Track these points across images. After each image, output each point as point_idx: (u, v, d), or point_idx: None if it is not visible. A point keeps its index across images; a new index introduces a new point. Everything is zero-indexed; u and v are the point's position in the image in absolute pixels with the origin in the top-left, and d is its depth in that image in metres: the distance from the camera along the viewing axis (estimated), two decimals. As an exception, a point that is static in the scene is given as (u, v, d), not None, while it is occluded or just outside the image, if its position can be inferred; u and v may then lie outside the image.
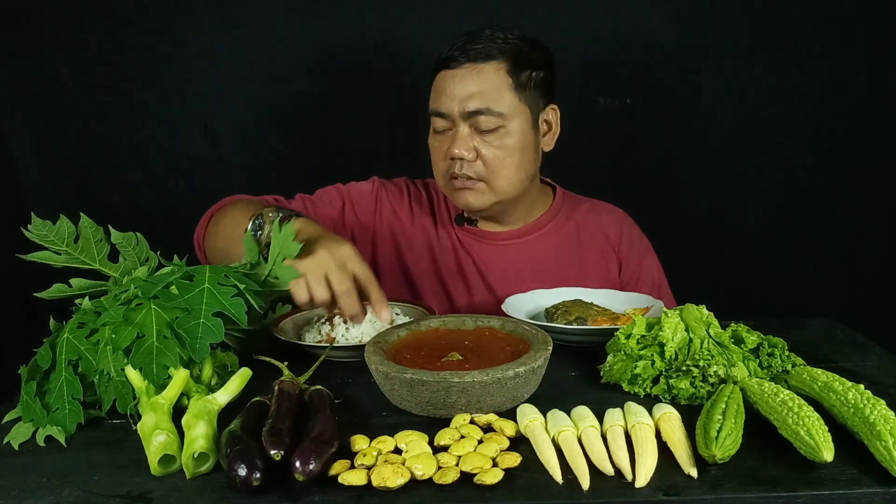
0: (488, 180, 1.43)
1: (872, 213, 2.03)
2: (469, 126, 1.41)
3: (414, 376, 0.91)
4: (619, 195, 2.04)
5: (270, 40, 1.96)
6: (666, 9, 1.93)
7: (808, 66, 1.94)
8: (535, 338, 1.04)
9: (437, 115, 1.44)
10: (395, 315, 1.29)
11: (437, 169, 1.50)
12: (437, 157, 1.47)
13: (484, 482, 0.76)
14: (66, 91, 1.96)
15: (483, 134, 1.41)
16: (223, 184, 2.05)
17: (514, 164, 1.44)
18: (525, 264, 1.55)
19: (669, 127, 2.01)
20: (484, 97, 1.39)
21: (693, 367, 0.96)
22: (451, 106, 1.40)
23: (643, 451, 0.79)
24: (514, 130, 1.42)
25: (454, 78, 1.41)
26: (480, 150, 1.41)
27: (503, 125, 1.41)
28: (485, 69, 1.40)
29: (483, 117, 1.39)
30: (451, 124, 1.43)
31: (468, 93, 1.39)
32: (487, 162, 1.42)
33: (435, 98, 1.44)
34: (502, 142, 1.41)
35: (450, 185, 1.47)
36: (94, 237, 1.11)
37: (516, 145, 1.43)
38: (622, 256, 1.60)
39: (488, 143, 1.41)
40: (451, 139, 1.43)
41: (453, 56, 1.41)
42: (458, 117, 1.41)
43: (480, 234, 1.58)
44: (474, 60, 1.40)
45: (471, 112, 1.39)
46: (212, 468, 0.83)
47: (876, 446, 0.77)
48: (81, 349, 0.98)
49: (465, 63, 1.40)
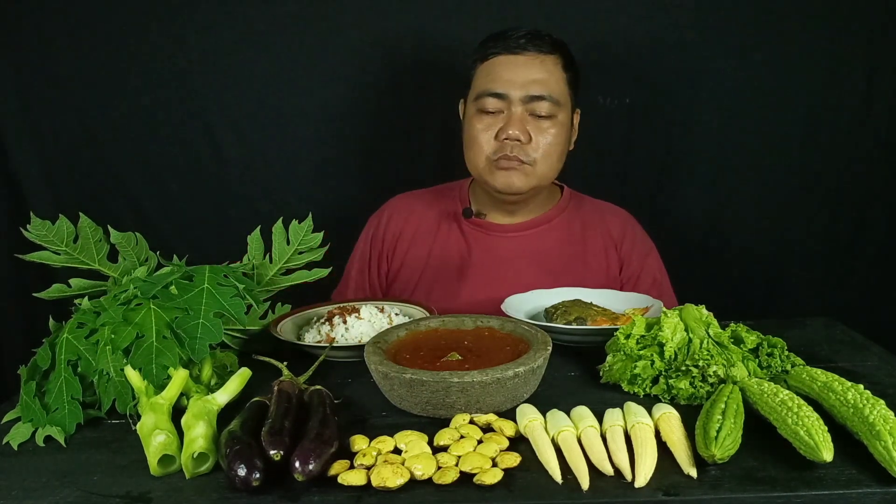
0: (535, 164, 1.48)
1: (872, 213, 2.03)
2: (525, 110, 1.47)
3: (413, 376, 0.91)
4: (618, 195, 2.04)
5: (271, 40, 1.96)
6: (666, 9, 1.92)
7: (808, 65, 1.94)
8: (535, 338, 1.04)
9: (492, 96, 1.47)
10: (394, 315, 1.29)
11: (478, 150, 1.51)
12: (483, 138, 1.50)
13: (483, 482, 0.76)
14: (67, 91, 1.96)
15: (538, 119, 1.47)
16: (223, 184, 2.05)
17: (559, 153, 1.51)
18: (531, 256, 1.57)
19: (669, 126, 2.01)
20: (547, 85, 1.47)
21: (692, 367, 0.96)
22: (514, 88, 1.46)
23: (643, 451, 0.80)
24: (563, 121, 1.50)
25: (517, 63, 1.47)
26: (534, 134, 1.47)
27: (556, 114, 1.48)
28: (547, 60, 1.48)
29: (543, 103, 1.46)
30: (504, 106, 1.47)
31: (532, 78, 1.46)
32: (539, 146, 1.48)
33: (490, 80, 1.48)
34: (554, 129, 1.48)
35: (493, 165, 1.50)
36: (93, 237, 1.11)
37: (563, 135, 1.51)
38: (623, 254, 1.62)
39: (542, 128, 1.48)
40: (503, 121, 1.47)
41: (518, 43, 1.47)
42: (517, 100, 1.46)
43: (488, 227, 1.61)
44: (539, 50, 1.47)
45: (533, 96, 1.46)
46: (211, 468, 0.83)
47: (875, 446, 0.77)
48: (81, 349, 0.98)
49: (530, 51, 1.47)
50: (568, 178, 2.04)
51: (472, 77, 1.54)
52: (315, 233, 1.23)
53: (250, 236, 1.23)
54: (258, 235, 1.23)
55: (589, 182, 2.02)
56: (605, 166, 2.04)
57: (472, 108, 1.52)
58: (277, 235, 1.23)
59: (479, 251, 1.59)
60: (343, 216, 1.80)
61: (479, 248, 1.59)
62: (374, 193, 1.83)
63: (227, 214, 2.05)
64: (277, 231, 1.22)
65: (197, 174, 2.04)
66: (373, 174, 2.05)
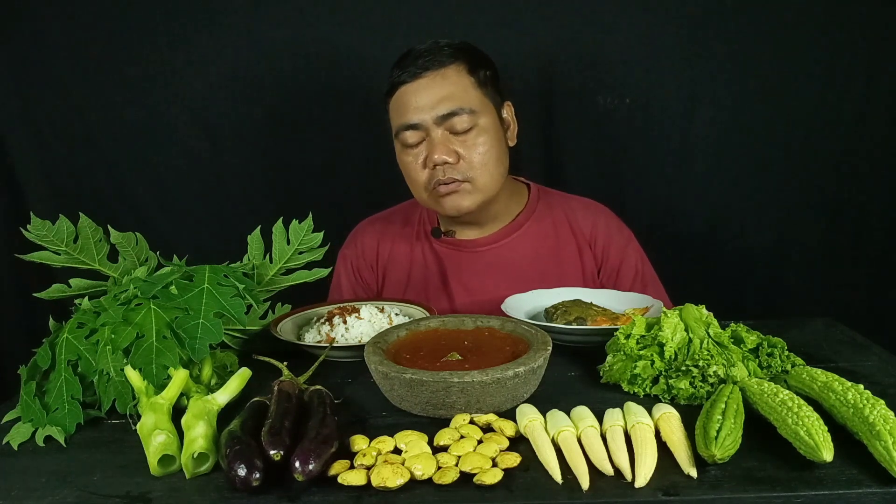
0: (473, 179, 1.44)
1: (872, 213, 2.03)
2: (444, 130, 1.41)
3: (413, 376, 0.91)
4: (618, 194, 2.04)
5: (271, 41, 1.96)
6: (666, 9, 1.92)
7: (808, 66, 1.94)
8: (535, 338, 1.04)
9: (408, 129, 1.43)
10: (394, 315, 1.29)
11: (415, 184, 1.48)
12: (415, 171, 1.46)
13: (483, 482, 0.76)
14: (66, 91, 1.96)
15: (459, 135, 1.42)
16: (223, 184, 2.05)
17: (494, 159, 1.45)
18: (505, 267, 1.54)
19: (669, 127, 2.01)
20: (454, 99, 1.40)
21: (693, 367, 0.96)
22: (423, 115, 1.40)
23: (643, 451, 0.79)
24: (486, 126, 1.43)
25: (418, 89, 1.41)
26: (460, 151, 1.42)
27: (476, 123, 1.42)
28: (446, 73, 1.41)
29: (457, 118, 1.40)
30: (423, 135, 1.43)
31: (437, 98, 1.40)
32: (469, 161, 1.42)
33: (401, 114, 1.43)
34: (479, 139, 1.42)
35: (434, 193, 1.46)
36: (93, 237, 1.11)
37: (492, 140, 1.44)
38: (599, 251, 1.58)
39: (465, 142, 1.42)
40: (427, 148, 1.43)
41: (410, 70, 1.41)
42: (431, 125, 1.41)
43: (458, 244, 1.57)
44: (438, 65, 1.41)
45: (444, 115, 1.40)
46: (211, 468, 0.83)
47: (875, 446, 0.77)
48: (81, 349, 0.98)
49: (429, 70, 1.41)
50: (568, 178, 2.04)
51: (388, 114, 1.50)
52: (315, 233, 1.23)
53: (250, 236, 1.23)
54: (258, 235, 1.23)
55: (589, 182, 2.03)
56: (604, 166, 2.05)
57: (398, 145, 1.48)
58: (277, 235, 1.23)
59: (454, 269, 1.56)
60: (343, 216, 1.80)
61: (454, 266, 1.57)
62: (374, 193, 1.83)
63: (227, 214, 2.05)
64: (277, 231, 1.22)
65: (197, 174, 2.04)
66: (373, 174, 2.04)
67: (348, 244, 1.68)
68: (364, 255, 1.65)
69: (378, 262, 1.64)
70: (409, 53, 1.45)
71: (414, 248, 1.61)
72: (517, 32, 1.94)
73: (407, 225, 1.64)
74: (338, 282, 1.66)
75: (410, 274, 1.59)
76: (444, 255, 1.58)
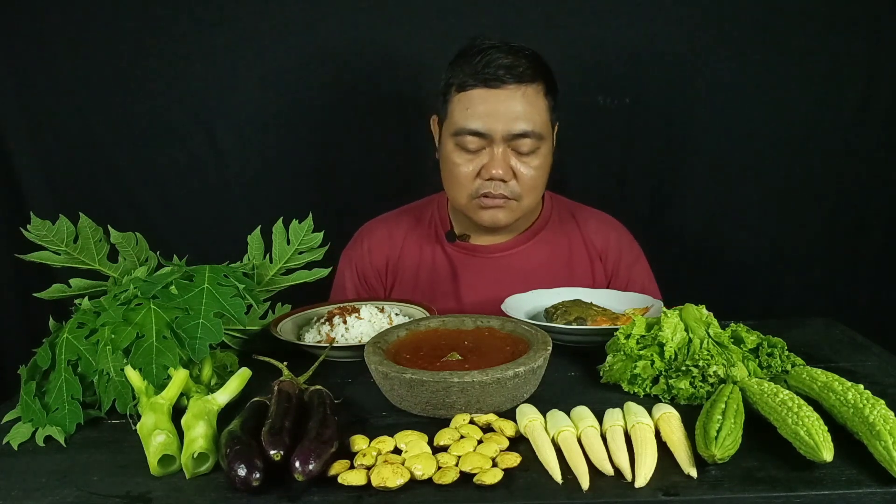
0: (519, 198, 1.43)
1: (871, 213, 2.03)
2: (508, 147, 1.39)
3: (413, 376, 0.91)
4: (618, 194, 2.05)
5: (271, 42, 1.96)
6: (666, 10, 1.93)
7: (807, 66, 1.94)
8: (535, 338, 1.04)
9: (472, 135, 1.38)
10: (394, 315, 1.29)
11: (459, 187, 1.44)
12: (464, 176, 1.42)
13: (483, 482, 0.76)
14: (67, 91, 1.96)
15: (521, 155, 1.40)
16: (223, 184, 2.05)
17: (543, 183, 1.46)
18: (518, 274, 1.53)
19: (669, 126, 2.01)
20: (530, 120, 1.37)
21: (693, 367, 0.96)
22: (495, 126, 1.36)
23: (643, 451, 0.80)
24: (545, 151, 1.43)
25: (498, 98, 1.35)
26: (518, 170, 1.40)
27: (539, 147, 1.40)
28: (528, 91, 1.37)
29: (526, 140, 1.37)
30: (486, 143, 1.39)
31: (515, 114, 1.35)
32: (523, 181, 1.41)
33: (469, 116, 1.37)
34: (537, 162, 1.41)
35: (476, 202, 1.44)
36: (93, 237, 1.11)
37: (546, 165, 1.44)
38: (609, 267, 1.58)
39: (526, 163, 1.40)
40: (485, 158, 1.40)
41: (496, 75, 1.35)
42: (499, 139, 1.37)
43: (473, 249, 1.56)
44: (520, 80, 1.36)
45: (516, 134, 1.37)
46: (211, 468, 0.83)
47: (875, 446, 0.77)
48: (81, 349, 0.98)
49: (510, 83, 1.35)
50: (568, 178, 2.04)
51: (447, 103, 1.43)
52: (315, 233, 1.23)
53: (250, 236, 1.23)
54: (258, 235, 1.23)
55: (588, 182, 2.03)
56: (604, 166, 2.05)
57: (451, 142, 1.42)
58: (277, 235, 1.23)
59: (467, 274, 1.54)
60: (343, 216, 1.80)
61: (467, 271, 1.55)
62: (375, 193, 1.83)
63: (227, 214, 2.05)
64: (277, 231, 1.22)
65: (197, 174, 2.04)
66: (373, 174, 2.04)
67: (354, 245, 1.63)
68: (371, 258, 1.60)
69: (387, 266, 1.60)
70: (487, 53, 1.36)
71: (424, 250, 1.58)
72: (517, 33, 1.94)
73: (418, 226, 1.61)
74: (341, 283, 1.62)
75: (419, 276, 1.57)
76: (456, 259, 1.55)
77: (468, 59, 1.38)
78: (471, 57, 1.38)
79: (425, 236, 1.59)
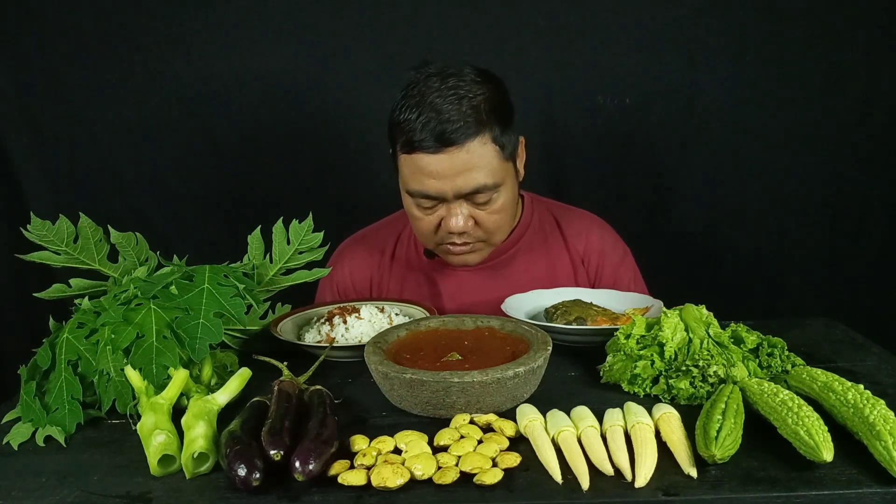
0: (487, 239, 1.40)
1: (872, 214, 2.03)
2: (462, 200, 1.33)
3: (413, 376, 0.91)
4: (618, 195, 2.05)
5: (272, 41, 1.96)
6: (666, 10, 1.93)
7: (808, 67, 1.94)
8: (535, 338, 1.04)
9: (424, 197, 1.33)
10: (394, 315, 1.29)
11: (423, 237, 1.42)
12: (426, 228, 1.38)
13: (483, 482, 0.76)
14: (66, 91, 1.96)
15: (479, 204, 1.34)
16: (223, 184, 2.05)
17: (509, 217, 1.41)
18: (501, 285, 1.50)
19: (669, 127, 2.01)
20: (479, 175, 1.30)
21: (693, 367, 0.96)
22: (444, 189, 1.30)
23: (643, 451, 0.79)
24: (506, 190, 1.36)
25: (441, 162, 1.28)
26: (479, 217, 1.35)
27: (498, 191, 1.34)
28: (472, 146, 1.28)
29: (481, 194, 1.32)
30: (440, 201, 1.34)
31: (462, 175, 1.29)
32: (486, 227, 1.37)
33: (417, 180, 1.31)
34: (498, 205, 1.36)
35: (443, 248, 1.41)
36: (93, 237, 1.11)
37: (510, 199, 1.38)
38: (591, 269, 1.55)
39: (485, 210, 1.35)
40: (443, 212, 1.35)
41: (431, 140, 1.26)
42: (452, 197, 1.32)
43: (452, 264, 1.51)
44: (458, 142, 1.26)
45: (467, 193, 1.31)
46: (211, 468, 0.83)
47: (875, 446, 0.77)
48: (81, 349, 0.98)
49: (447, 148, 1.27)
50: (568, 178, 2.04)
51: (396, 159, 1.36)
52: (315, 233, 1.23)
53: (250, 236, 1.23)
54: (258, 235, 1.23)
55: (588, 183, 2.03)
56: (604, 167, 2.05)
57: (406, 196, 1.37)
58: (277, 235, 1.23)
59: (449, 289, 1.52)
60: (343, 216, 1.80)
61: (448, 286, 1.52)
62: (375, 193, 1.83)
63: (227, 214, 2.05)
64: (277, 231, 1.22)
65: (197, 174, 2.04)
66: (373, 174, 2.04)
67: (333, 265, 1.57)
68: (353, 280, 1.57)
69: (370, 285, 1.57)
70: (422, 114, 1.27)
71: (404, 266, 1.55)
72: (517, 33, 1.95)
73: (397, 242, 1.58)
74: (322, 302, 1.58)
75: (402, 293, 1.54)
76: (437, 277, 1.53)
77: (403, 123, 1.30)
78: (405, 122, 1.29)
79: (404, 256, 1.56)
